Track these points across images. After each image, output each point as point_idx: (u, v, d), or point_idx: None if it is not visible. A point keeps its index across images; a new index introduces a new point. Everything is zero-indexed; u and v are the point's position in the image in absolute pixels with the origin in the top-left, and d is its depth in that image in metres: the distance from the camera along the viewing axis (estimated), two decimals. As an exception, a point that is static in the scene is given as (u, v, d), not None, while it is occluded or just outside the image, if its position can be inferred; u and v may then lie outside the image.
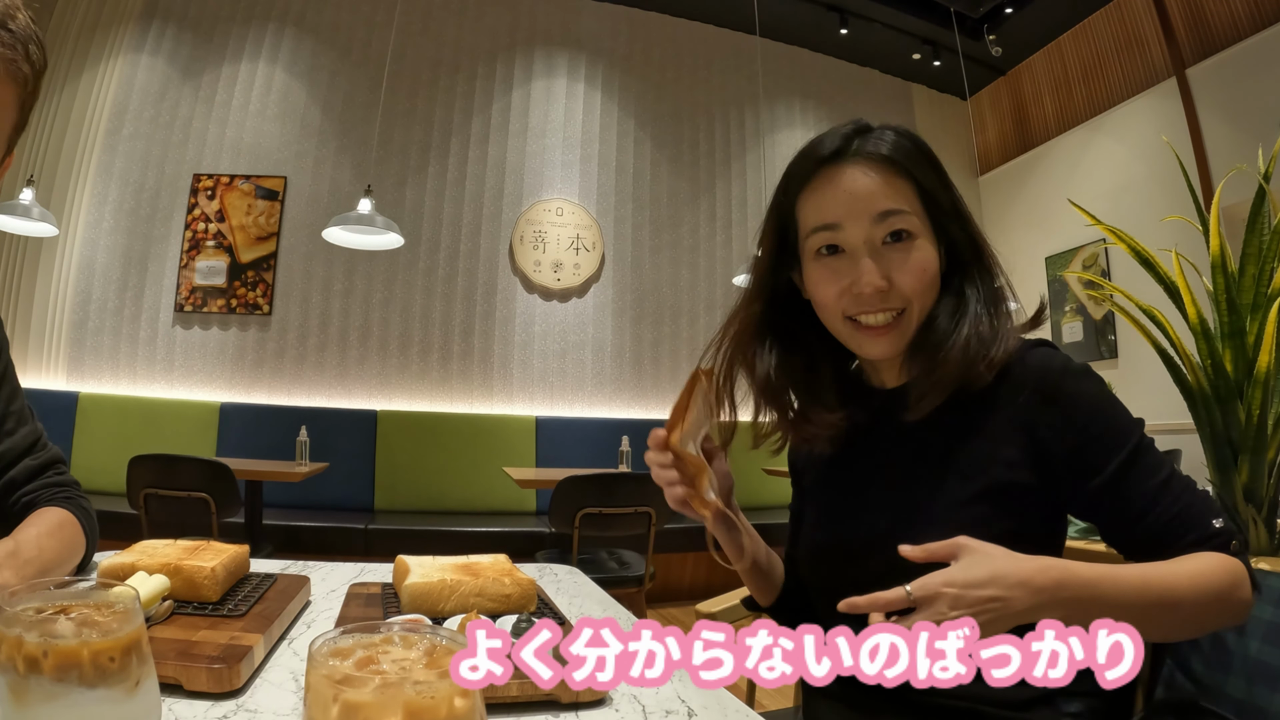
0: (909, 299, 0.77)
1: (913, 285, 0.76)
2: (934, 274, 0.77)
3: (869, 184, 0.76)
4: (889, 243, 0.76)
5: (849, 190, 0.77)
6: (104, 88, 4.23)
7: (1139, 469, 0.73)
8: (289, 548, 3.30)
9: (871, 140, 0.78)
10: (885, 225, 0.76)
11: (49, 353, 4.02)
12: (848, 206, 0.77)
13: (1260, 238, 1.13)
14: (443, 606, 0.75)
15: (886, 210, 0.76)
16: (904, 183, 0.77)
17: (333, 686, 0.32)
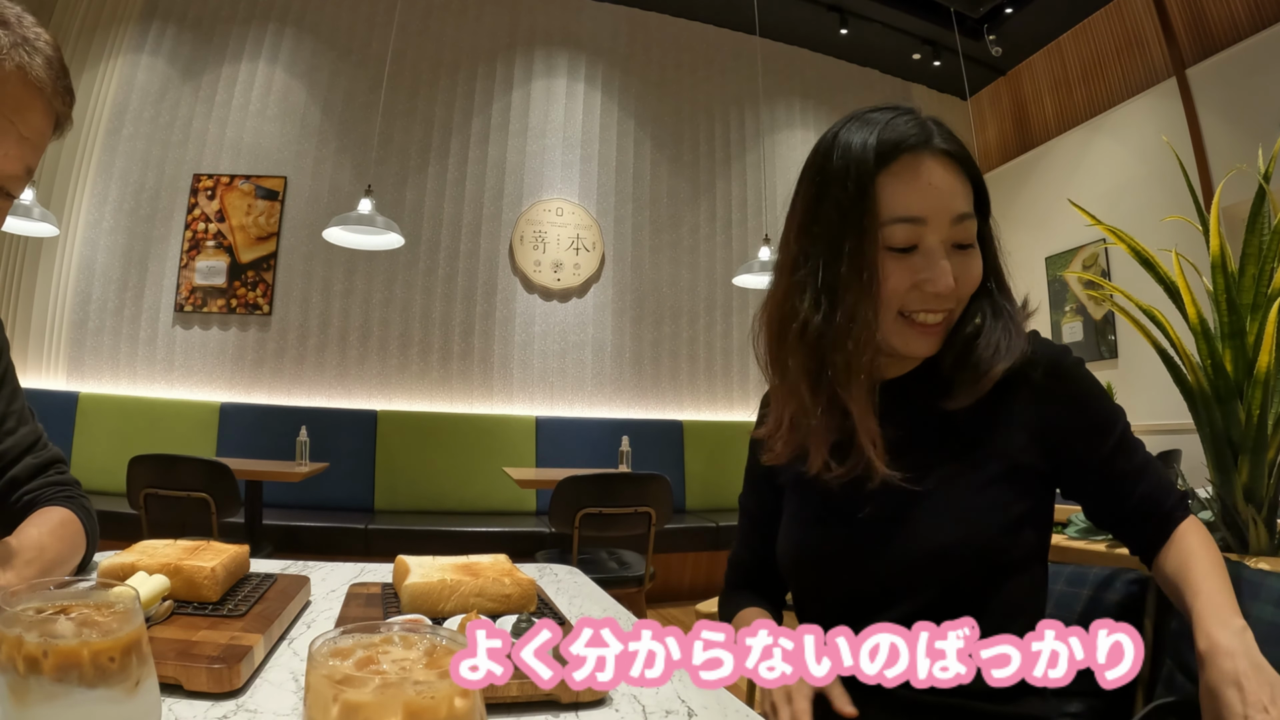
0: (963, 301, 0.78)
1: (969, 290, 0.78)
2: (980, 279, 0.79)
3: (950, 182, 0.75)
4: (958, 249, 0.76)
5: (935, 185, 0.74)
6: (104, 88, 4.23)
7: (1125, 450, 0.80)
8: (289, 548, 3.30)
9: (941, 133, 0.76)
10: (961, 229, 0.75)
11: (49, 353, 4.02)
12: (934, 203, 0.74)
13: (1260, 238, 1.13)
14: (443, 606, 0.75)
15: (964, 214, 0.75)
16: (969, 185, 0.77)
17: (333, 686, 0.32)
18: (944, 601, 0.75)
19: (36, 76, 0.67)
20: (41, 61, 0.68)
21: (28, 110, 0.68)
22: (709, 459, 4.60)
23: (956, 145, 0.76)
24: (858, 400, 0.77)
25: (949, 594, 0.75)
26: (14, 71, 0.65)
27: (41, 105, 0.69)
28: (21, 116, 0.67)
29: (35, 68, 0.67)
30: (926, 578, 0.76)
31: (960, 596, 0.75)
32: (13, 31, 0.66)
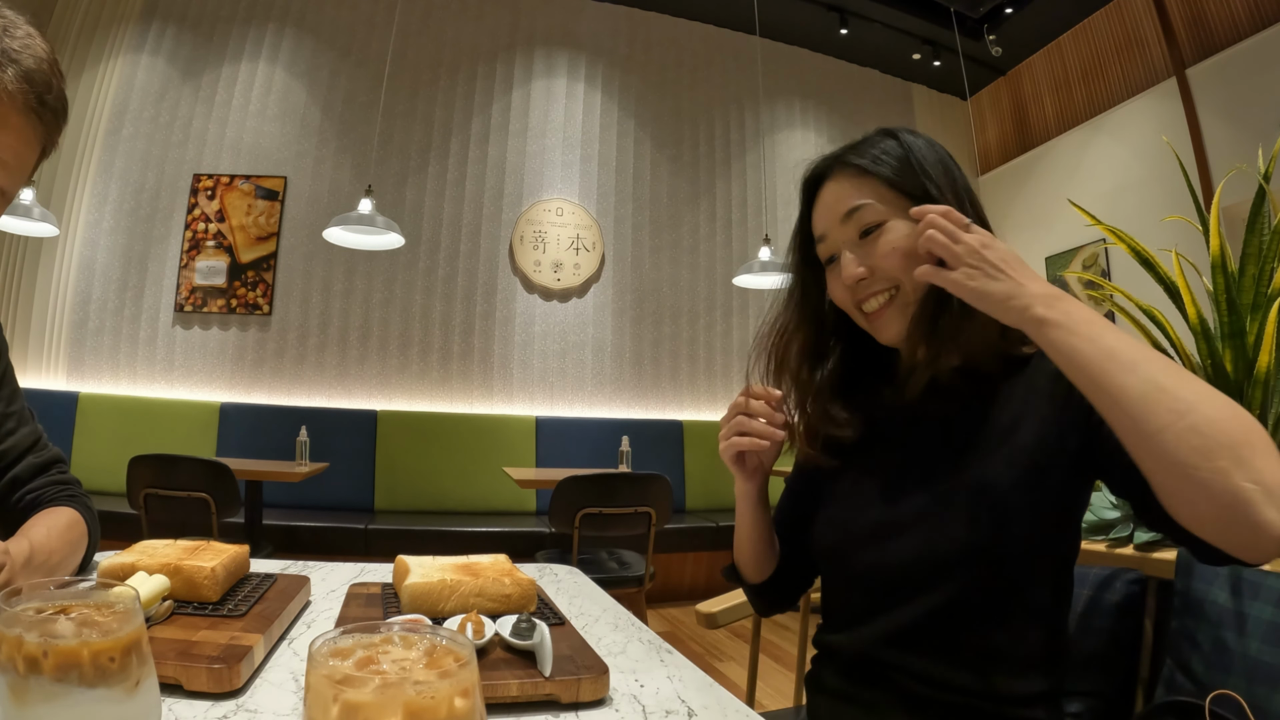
0: (894, 278, 0.82)
1: (889, 265, 0.81)
2: (909, 248, 0.80)
3: (839, 191, 0.86)
4: (864, 236, 0.83)
5: (824, 203, 0.88)
6: (104, 88, 4.23)
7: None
8: (289, 548, 3.30)
9: (850, 152, 0.87)
10: (853, 222, 0.84)
11: (49, 353, 4.02)
12: (827, 217, 0.87)
13: (1260, 238, 1.13)
14: (443, 606, 0.75)
15: (849, 209, 0.84)
16: (869, 180, 0.84)
17: (333, 686, 0.32)
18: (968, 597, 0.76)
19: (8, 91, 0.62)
20: (15, 74, 0.63)
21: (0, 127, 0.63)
22: (709, 459, 4.60)
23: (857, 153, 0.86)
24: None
25: (972, 590, 0.76)
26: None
27: (16, 121, 0.64)
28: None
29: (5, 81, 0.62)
30: (947, 573, 0.76)
31: (984, 593, 0.75)
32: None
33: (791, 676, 2.78)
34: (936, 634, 0.77)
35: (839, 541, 0.88)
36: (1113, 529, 1.19)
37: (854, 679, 0.83)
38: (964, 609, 0.76)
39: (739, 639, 3.34)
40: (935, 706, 0.76)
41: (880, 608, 0.81)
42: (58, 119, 0.69)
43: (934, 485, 0.80)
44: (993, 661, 0.75)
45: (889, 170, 0.83)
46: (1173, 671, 0.94)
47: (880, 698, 0.80)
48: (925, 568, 0.78)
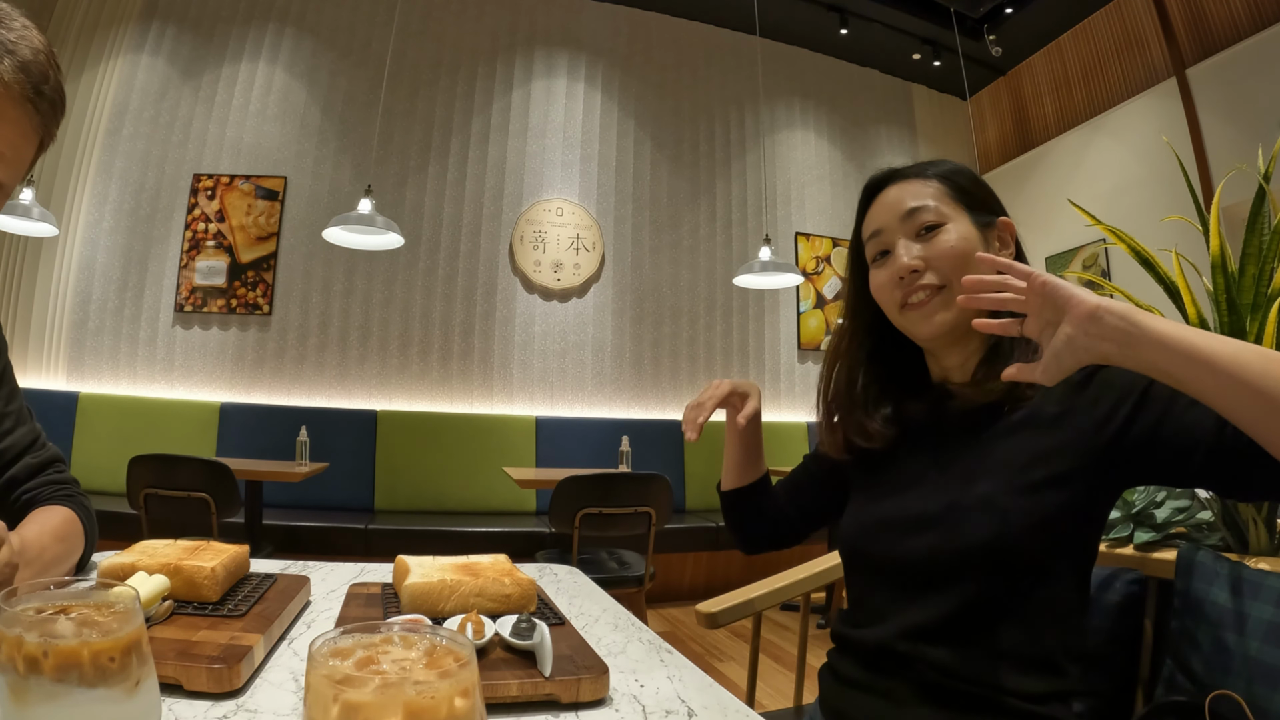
0: (945, 275, 0.85)
1: (943, 261, 0.85)
2: (967, 251, 0.84)
3: (900, 193, 0.90)
4: (922, 235, 0.87)
5: (886, 203, 0.91)
6: (104, 88, 4.23)
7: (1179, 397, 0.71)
8: (289, 548, 3.30)
9: (909, 168, 0.93)
10: (914, 220, 0.87)
11: (49, 353, 4.02)
12: (885, 214, 0.90)
13: (1260, 238, 1.13)
14: (443, 606, 0.75)
15: (912, 208, 0.88)
16: (933, 185, 0.89)
17: (333, 686, 0.32)
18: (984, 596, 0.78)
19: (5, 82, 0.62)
20: (12, 65, 0.62)
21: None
22: (709, 459, 4.60)
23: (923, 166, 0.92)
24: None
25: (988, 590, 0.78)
26: None
27: (14, 113, 0.64)
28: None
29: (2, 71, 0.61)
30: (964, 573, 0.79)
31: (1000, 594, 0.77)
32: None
33: (791, 676, 2.78)
34: (954, 630, 0.79)
35: (859, 535, 0.91)
36: (1113, 529, 1.19)
37: (873, 669, 0.85)
38: (981, 607, 0.78)
39: (739, 639, 3.34)
40: (952, 697, 0.78)
41: (899, 602, 0.84)
42: (55, 111, 0.68)
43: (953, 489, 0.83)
44: (1007, 659, 0.77)
45: (951, 177, 0.90)
46: (1173, 671, 0.94)
47: (898, 687, 0.82)
48: (942, 566, 0.80)
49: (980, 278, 0.72)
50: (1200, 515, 1.20)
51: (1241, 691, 0.83)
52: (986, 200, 0.91)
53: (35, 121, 0.67)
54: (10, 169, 0.67)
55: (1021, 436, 0.81)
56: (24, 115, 0.65)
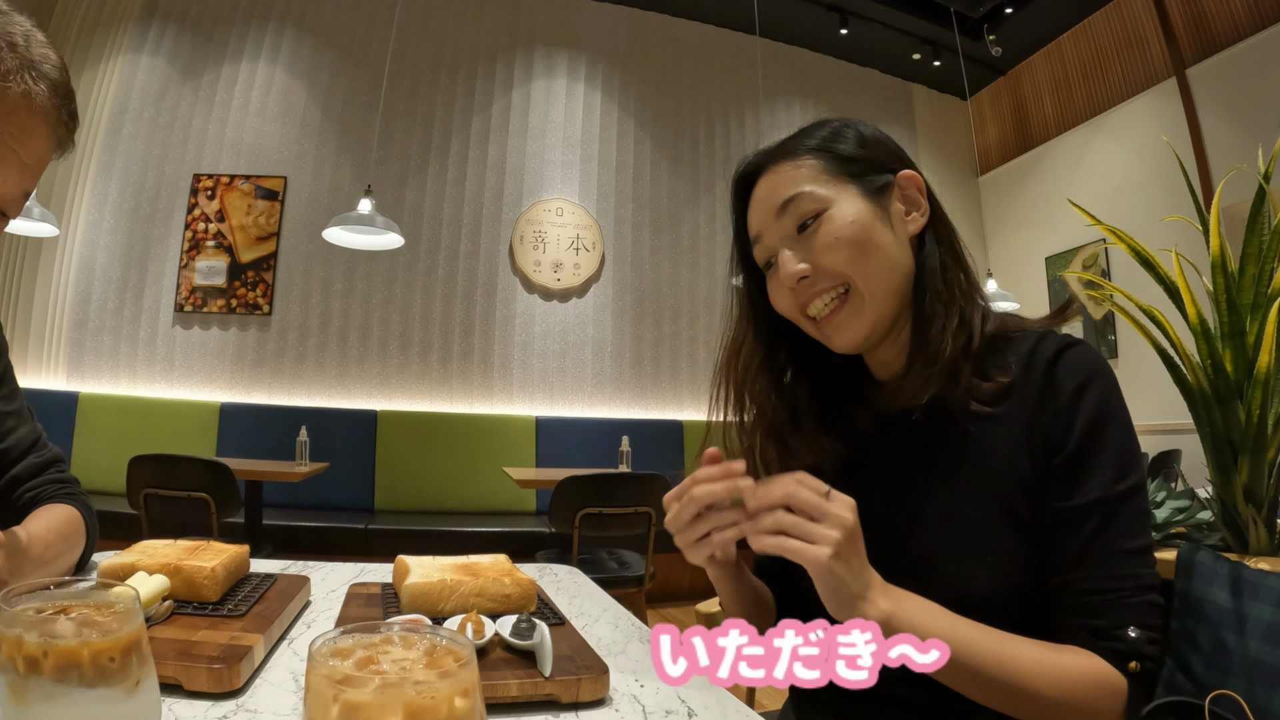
0: (842, 273, 0.71)
1: (834, 257, 0.71)
2: (857, 235, 0.70)
3: (772, 184, 0.75)
4: (802, 230, 0.72)
5: (758, 199, 0.77)
6: (104, 88, 4.23)
7: (1110, 519, 0.64)
8: (289, 548, 3.30)
9: (778, 146, 0.77)
10: (790, 214, 0.73)
11: (49, 353, 4.02)
12: (760, 213, 0.76)
13: (1260, 238, 1.13)
14: (443, 606, 0.75)
15: (783, 201, 0.73)
16: (806, 163, 0.73)
17: (333, 686, 0.32)
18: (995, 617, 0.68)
19: (41, 104, 0.66)
20: (46, 88, 0.66)
21: (30, 137, 0.67)
22: (709, 459, 4.59)
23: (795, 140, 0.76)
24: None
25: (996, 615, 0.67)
26: (19, 98, 0.64)
27: (45, 132, 0.68)
28: (24, 143, 0.66)
29: (40, 95, 0.65)
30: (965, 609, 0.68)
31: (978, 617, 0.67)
32: (19, 54, 0.64)
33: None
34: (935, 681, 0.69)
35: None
36: (1113, 529, 1.19)
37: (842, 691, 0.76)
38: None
39: (739, 639, 3.34)
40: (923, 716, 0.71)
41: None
42: (74, 122, 0.73)
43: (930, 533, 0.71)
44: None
45: (824, 149, 0.74)
46: (1173, 671, 0.94)
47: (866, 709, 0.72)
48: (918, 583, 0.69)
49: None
50: (1200, 515, 1.20)
51: (1241, 691, 0.83)
52: (877, 158, 0.74)
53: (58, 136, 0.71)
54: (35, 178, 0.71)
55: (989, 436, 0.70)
56: (53, 134, 0.69)
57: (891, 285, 0.72)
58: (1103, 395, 0.67)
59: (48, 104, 0.66)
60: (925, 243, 0.75)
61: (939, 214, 0.77)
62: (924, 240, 0.75)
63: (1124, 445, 0.66)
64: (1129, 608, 0.63)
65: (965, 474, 0.70)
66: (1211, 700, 0.77)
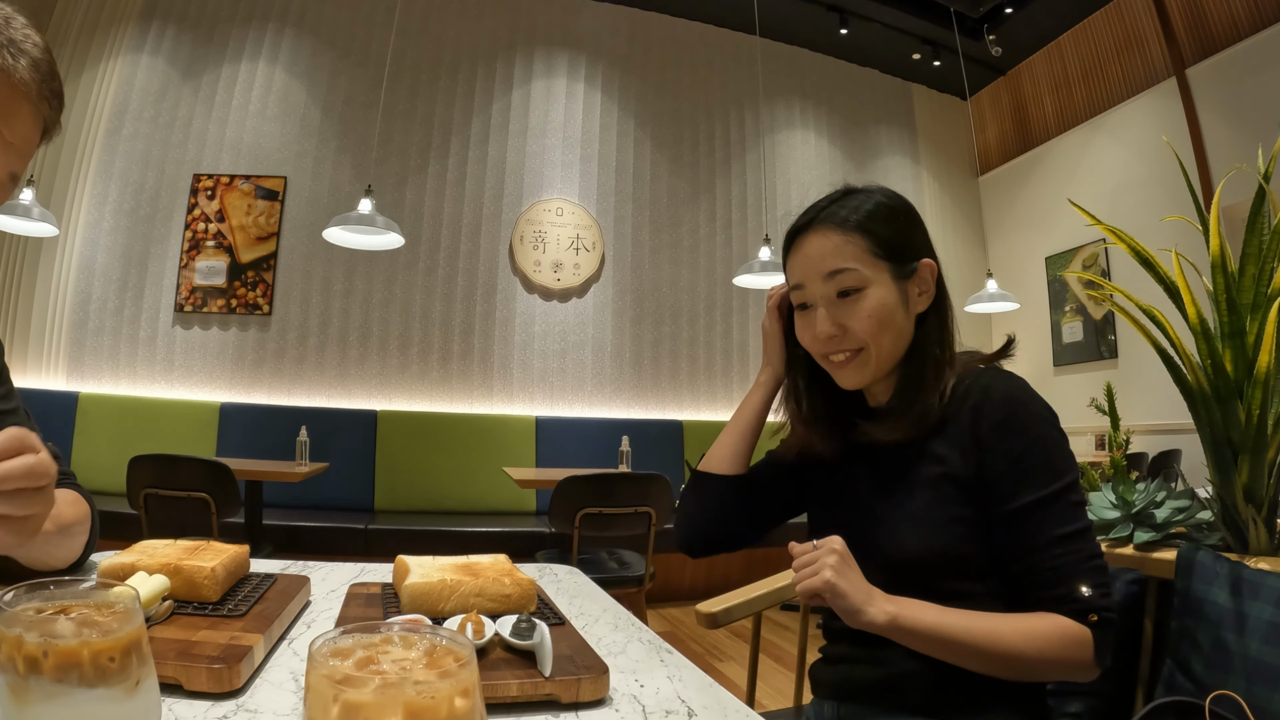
0: (863, 340, 0.89)
1: (863, 329, 0.89)
2: (884, 317, 0.88)
3: (822, 247, 0.90)
4: (842, 296, 0.89)
5: (806, 254, 0.92)
6: (104, 88, 4.23)
7: (1048, 513, 0.80)
8: (289, 548, 3.30)
9: (835, 207, 0.92)
10: (834, 283, 0.89)
11: (49, 353, 4.02)
12: (805, 269, 0.92)
13: (1260, 238, 1.13)
14: (443, 606, 0.75)
15: (834, 270, 0.89)
16: (854, 240, 0.89)
17: (333, 686, 0.32)
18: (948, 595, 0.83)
19: (21, 79, 0.65)
20: (27, 64, 0.65)
21: (12, 115, 0.66)
22: (709, 459, 4.59)
23: (843, 211, 0.91)
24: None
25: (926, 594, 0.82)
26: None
27: (27, 109, 0.67)
28: (6, 121, 0.65)
29: (20, 70, 0.65)
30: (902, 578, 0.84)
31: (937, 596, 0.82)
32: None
33: (791, 676, 2.78)
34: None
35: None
36: (1113, 529, 1.19)
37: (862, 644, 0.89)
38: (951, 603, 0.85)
39: (739, 639, 3.34)
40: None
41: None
42: (60, 103, 0.72)
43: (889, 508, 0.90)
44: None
45: (875, 231, 0.89)
46: (1173, 671, 0.94)
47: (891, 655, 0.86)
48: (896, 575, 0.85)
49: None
50: (1200, 515, 1.20)
51: (1241, 691, 0.83)
52: (906, 242, 0.91)
53: (44, 115, 0.70)
54: (22, 161, 0.70)
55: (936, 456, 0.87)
56: (36, 112, 0.69)
57: (895, 352, 0.91)
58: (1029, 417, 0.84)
59: (28, 79, 0.66)
60: (927, 321, 0.93)
61: (943, 293, 0.94)
62: (926, 318, 0.93)
63: (1051, 453, 0.83)
64: (1079, 573, 0.79)
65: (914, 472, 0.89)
66: (1211, 700, 0.77)
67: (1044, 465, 0.82)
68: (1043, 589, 0.79)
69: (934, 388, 0.88)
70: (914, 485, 0.88)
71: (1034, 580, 0.80)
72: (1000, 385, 0.86)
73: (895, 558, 0.86)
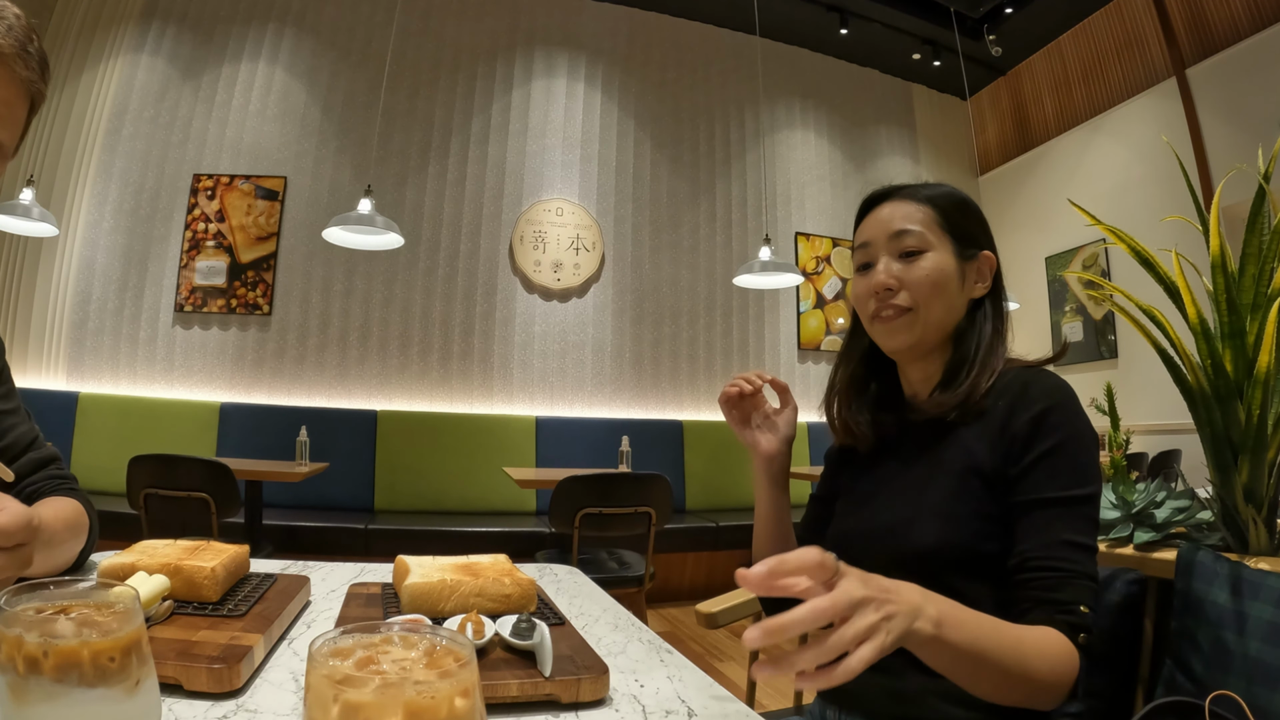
0: (915, 301, 0.90)
1: (918, 288, 0.90)
2: (940, 281, 0.90)
3: (894, 212, 0.94)
4: (905, 257, 0.92)
5: (879, 218, 0.95)
6: (104, 88, 4.23)
7: (1063, 516, 0.78)
8: (289, 548, 3.30)
9: (915, 186, 0.96)
10: (899, 241, 0.92)
11: (49, 353, 4.02)
12: (876, 229, 0.95)
13: (1260, 238, 1.13)
14: (443, 606, 0.75)
15: (900, 230, 0.92)
16: (924, 209, 0.93)
17: (333, 686, 0.32)
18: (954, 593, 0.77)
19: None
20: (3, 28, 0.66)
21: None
22: (709, 459, 4.60)
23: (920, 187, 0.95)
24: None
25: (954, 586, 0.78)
26: None
27: (6, 74, 0.67)
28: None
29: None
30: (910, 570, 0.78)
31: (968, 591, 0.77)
32: None
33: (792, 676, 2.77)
34: None
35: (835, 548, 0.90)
36: (1113, 529, 1.19)
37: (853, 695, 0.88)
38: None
39: (739, 639, 3.34)
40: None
41: None
42: (44, 69, 0.71)
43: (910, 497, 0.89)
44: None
45: (945, 208, 0.93)
46: (1173, 671, 0.94)
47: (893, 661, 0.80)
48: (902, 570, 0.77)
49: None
50: (1200, 515, 1.20)
51: (1241, 691, 0.83)
52: (973, 231, 0.94)
53: (25, 80, 0.69)
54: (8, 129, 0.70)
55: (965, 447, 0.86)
56: (15, 75, 0.68)
57: (942, 322, 0.92)
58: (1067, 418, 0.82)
59: (5, 42, 0.65)
60: (983, 307, 0.94)
61: (1000, 290, 0.96)
62: (981, 305, 0.94)
63: (1080, 459, 0.80)
64: (1081, 589, 0.75)
65: (940, 463, 0.88)
66: (1211, 700, 0.77)
67: (1071, 468, 0.79)
68: (1043, 589, 0.76)
69: (984, 370, 0.88)
70: (938, 475, 0.87)
71: (1033, 576, 0.77)
72: (1042, 382, 0.85)
73: (909, 548, 0.84)
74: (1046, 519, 0.78)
